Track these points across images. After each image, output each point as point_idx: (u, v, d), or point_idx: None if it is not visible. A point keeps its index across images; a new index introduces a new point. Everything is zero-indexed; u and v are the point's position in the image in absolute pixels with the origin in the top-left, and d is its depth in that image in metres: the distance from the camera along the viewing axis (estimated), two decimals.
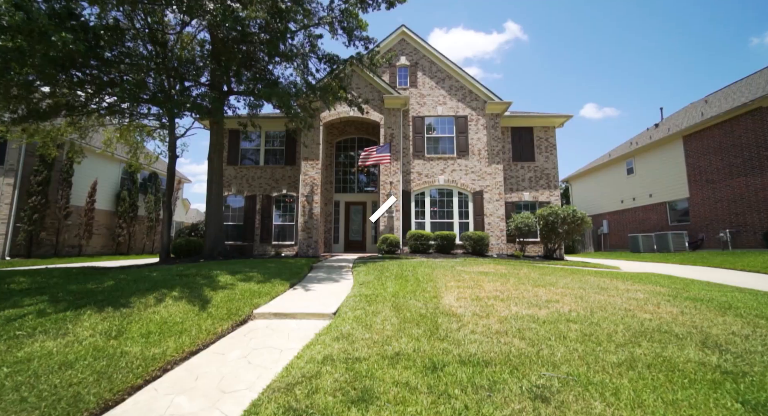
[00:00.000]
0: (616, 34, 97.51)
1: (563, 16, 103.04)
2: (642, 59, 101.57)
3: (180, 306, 4.16)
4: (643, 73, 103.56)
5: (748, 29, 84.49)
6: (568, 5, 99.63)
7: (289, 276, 6.44)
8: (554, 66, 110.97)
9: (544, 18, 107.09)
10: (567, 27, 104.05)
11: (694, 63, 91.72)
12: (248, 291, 4.92)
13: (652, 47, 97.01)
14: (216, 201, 8.93)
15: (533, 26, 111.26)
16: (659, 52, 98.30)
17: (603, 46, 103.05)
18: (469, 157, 14.13)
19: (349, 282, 6.39)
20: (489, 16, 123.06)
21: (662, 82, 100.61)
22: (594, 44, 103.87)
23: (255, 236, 15.02)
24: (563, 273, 7.34)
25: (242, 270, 6.59)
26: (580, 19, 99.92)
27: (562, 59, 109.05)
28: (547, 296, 4.87)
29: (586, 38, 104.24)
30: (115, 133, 12.51)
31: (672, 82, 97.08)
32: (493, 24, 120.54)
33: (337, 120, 14.08)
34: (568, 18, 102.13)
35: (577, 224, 12.66)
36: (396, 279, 6.21)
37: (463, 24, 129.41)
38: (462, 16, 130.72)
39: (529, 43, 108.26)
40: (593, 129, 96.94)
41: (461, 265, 8.20)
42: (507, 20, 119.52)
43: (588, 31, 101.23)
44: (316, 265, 8.82)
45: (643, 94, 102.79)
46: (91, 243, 18.23)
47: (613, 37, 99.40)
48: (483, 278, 6.24)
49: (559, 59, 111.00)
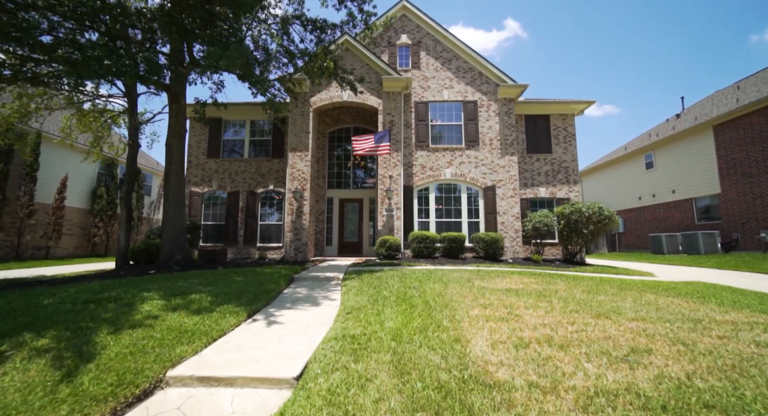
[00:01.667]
0: (616, 33, 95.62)
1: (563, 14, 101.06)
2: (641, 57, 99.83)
3: (31, 373, 2.50)
4: (642, 71, 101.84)
5: (747, 27, 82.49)
6: (567, 4, 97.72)
7: (254, 297, 4.79)
8: (554, 64, 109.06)
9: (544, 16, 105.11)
10: (567, 25, 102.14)
11: (693, 61, 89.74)
12: (176, 329, 3.28)
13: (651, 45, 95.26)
14: (175, 197, 7.27)
15: (533, 25, 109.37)
16: (658, 49, 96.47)
17: (603, 44, 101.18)
18: (480, 147, 12.46)
19: (333, 307, 4.75)
20: (488, 13, 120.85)
21: (662, 80, 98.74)
22: (594, 42, 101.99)
23: (238, 237, 13.39)
24: (610, 289, 5.71)
25: (190, 288, 4.93)
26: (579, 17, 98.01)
27: (561, 57, 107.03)
28: (625, 338, 3.24)
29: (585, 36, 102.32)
30: (72, 118, 10.83)
31: (672, 81, 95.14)
32: (493, 22, 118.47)
33: (329, 105, 12.39)
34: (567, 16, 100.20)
35: (604, 223, 11.03)
36: (397, 302, 4.58)
37: (462, 22, 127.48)
38: (461, 13, 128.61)
39: (529, 40, 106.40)
40: (594, 126, 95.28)
41: (479, 277, 6.56)
42: (507, 18, 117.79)
43: (587, 28, 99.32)
44: (299, 276, 7.18)
45: (643, 92, 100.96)
46: (61, 245, 16.60)
47: (612, 35, 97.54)
48: (515, 301, 4.61)
49: (558, 57, 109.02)
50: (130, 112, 9.01)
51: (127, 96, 8.80)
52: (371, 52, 12.16)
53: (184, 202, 7.68)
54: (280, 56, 7.01)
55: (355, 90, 8.71)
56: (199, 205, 13.71)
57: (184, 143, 7.75)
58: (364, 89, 12.06)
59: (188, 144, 14.22)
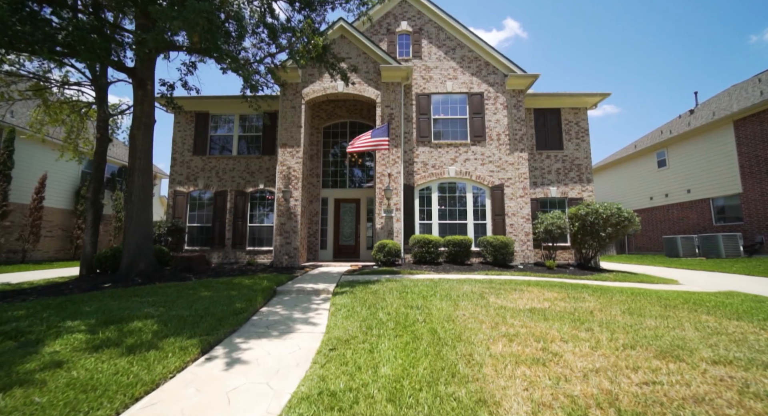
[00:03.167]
0: (616, 33, 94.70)
1: (563, 14, 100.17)
2: (641, 57, 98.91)
3: None
4: (642, 71, 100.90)
5: (746, 27, 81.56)
6: (567, 3, 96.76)
7: (217, 322, 3.81)
8: (554, 64, 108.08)
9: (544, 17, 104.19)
10: (566, 25, 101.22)
11: (693, 61, 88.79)
12: (80, 386, 2.28)
13: (651, 45, 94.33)
14: (140, 197, 6.24)
15: (533, 25, 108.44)
16: (658, 49, 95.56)
17: (603, 44, 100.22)
18: (486, 143, 11.48)
19: (315, 335, 3.77)
20: (488, 13, 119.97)
21: (662, 80, 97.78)
22: (594, 42, 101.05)
23: (225, 240, 12.42)
24: (652, 307, 4.74)
25: (136, 312, 3.93)
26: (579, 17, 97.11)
27: (561, 57, 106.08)
28: (724, 398, 2.27)
29: (585, 36, 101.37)
30: (40, 111, 9.84)
31: (672, 81, 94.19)
32: (493, 22, 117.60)
33: (323, 97, 11.42)
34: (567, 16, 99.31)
35: (623, 226, 10.06)
36: (397, 330, 3.61)
37: (462, 21, 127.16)
38: (461, 13, 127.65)
39: (529, 40, 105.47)
40: (594, 126, 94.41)
41: (492, 291, 5.59)
42: (506, 18, 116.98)
43: (587, 28, 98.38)
44: (283, 288, 6.21)
45: (644, 91, 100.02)
46: (40, 248, 15.62)
47: (612, 35, 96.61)
48: (546, 328, 3.64)
49: (558, 57, 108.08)
50: (98, 102, 8.02)
51: (95, 84, 7.83)
52: (368, 39, 11.19)
53: (150, 203, 6.69)
54: (260, 32, 6.03)
55: (346, 80, 7.75)
56: (185, 206, 12.74)
57: (151, 135, 6.75)
58: (361, 79, 11.09)
59: (173, 140, 13.27)
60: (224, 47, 5.17)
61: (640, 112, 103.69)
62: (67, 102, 9.39)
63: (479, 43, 11.82)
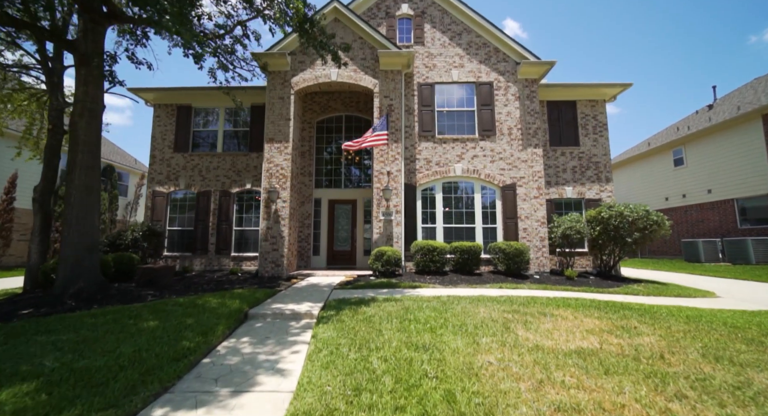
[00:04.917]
0: (615, 33, 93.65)
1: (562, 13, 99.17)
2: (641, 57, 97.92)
3: None
4: (642, 70, 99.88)
5: (746, 27, 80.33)
6: (567, 3, 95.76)
7: (139, 378, 2.67)
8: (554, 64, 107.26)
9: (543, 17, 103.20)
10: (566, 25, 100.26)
11: (693, 61, 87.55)
12: None
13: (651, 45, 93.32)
14: (81, 199, 5.02)
15: (533, 24, 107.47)
16: (658, 49, 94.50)
17: (602, 44, 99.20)
18: (497, 138, 10.33)
19: (277, 403, 2.62)
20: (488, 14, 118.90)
21: (662, 80, 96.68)
22: (593, 42, 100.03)
23: (208, 245, 11.27)
24: (732, 342, 3.61)
25: (26, 362, 2.70)
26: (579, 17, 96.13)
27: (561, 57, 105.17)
28: None
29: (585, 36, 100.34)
30: None
31: (672, 81, 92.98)
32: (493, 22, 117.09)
33: (314, 87, 10.27)
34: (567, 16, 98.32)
35: (652, 230, 8.92)
36: (396, 395, 2.46)
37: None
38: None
39: (529, 40, 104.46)
40: None
41: (518, 318, 4.43)
42: (506, 18, 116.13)
43: (587, 28, 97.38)
44: (257, 311, 5.06)
45: (644, 91, 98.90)
46: (12, 252, 14.50)
47: (612, 35, 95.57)
48: (614, 392, 2.49)
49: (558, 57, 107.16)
50: (49, 88, 6.88)
51: (43, 66, 6.69)
52: (365, 22, 10.04)
53: (96, 208, 5.50)
54: None
55: (338, 60, 6.62)
56: (164, 208, 11.60)
57: (98, 123, 5.57)
58: (357, 67, 9.95)
59: (152, 135, 12.12)
60: (171, 8, 4.04)
61: (641, 112, 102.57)
62: (23, 89, 8.24)
63: (488, 27, 10.67)
